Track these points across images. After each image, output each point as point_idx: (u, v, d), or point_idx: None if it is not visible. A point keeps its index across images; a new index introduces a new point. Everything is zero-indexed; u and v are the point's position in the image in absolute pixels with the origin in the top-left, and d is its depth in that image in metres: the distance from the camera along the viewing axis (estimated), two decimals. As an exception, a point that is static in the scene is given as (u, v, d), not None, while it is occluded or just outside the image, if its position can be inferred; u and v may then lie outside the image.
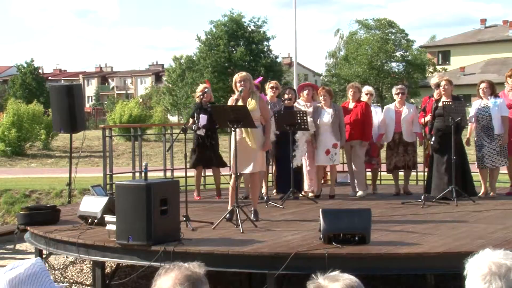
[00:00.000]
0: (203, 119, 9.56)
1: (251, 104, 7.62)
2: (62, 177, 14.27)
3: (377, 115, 10.28)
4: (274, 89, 9.98)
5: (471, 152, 10.31)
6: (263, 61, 42.24)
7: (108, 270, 7.86)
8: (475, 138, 9.66)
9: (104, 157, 10.80)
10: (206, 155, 9.79)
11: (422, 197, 8.85)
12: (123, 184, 6.71)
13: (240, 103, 7.68)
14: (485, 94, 9.54)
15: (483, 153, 9.51)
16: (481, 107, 9.53)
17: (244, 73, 7.87)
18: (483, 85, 9.62)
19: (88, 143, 24.63)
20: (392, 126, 9.96)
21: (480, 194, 9.56)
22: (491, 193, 9.70)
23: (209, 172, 10.74)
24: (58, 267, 8.66)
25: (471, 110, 9.78)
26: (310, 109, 9.74)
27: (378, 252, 6.07)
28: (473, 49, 51.62)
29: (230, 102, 7.90)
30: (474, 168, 9.75)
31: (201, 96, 9.66)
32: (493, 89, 9.64)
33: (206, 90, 9.85)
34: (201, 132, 9.67)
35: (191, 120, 9.80)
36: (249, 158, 7.58)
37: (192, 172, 11.45)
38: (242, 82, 7.68)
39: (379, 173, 10.80)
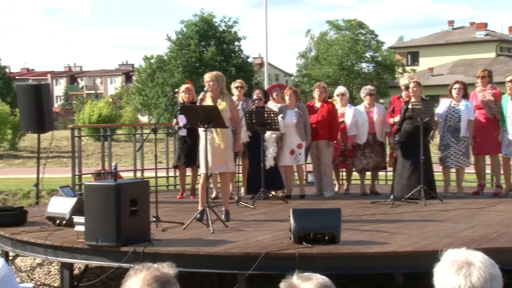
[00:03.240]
0: (181, 119, 9.61)
1: (222, 105, 7.62)
2: (30, 178, 14.07)
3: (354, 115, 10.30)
4: (239, 88, 10.00)
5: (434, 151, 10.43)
6: (234, 61, 42.25)
7: (76, 271, 7.78)
8: (439, 137, 9.78)
9: (73, 158, 10.69)
10: (187, 154, 9.80)
11: (391, 196, 8.93)
12: (92, 185, 6.65)
13: (209, 102, 7.67)
14: (458, 95, 9.67)
15: (448, 153, 9.65)
16: (451, 107, 9.66)
17: (214, 73, 7.88)
18: (457, 86, 9.73)
19: (56, 143, 24.35)
20: (365, 127, 10.00)
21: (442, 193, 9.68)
22: (458, 192, 9.83)
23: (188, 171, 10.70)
24: (25, 269, 8.53)
25: (439, 109, 9.90)
26: (277, 109, 9.75)
27: (347, 252, 6.12)
28: (441, 50, 52.37)
29: (198, 102, 7.91)
30: (436, 168, 9.88)
31: (173, 96, 9.65)
32: (465, 91, 9.79)
33: (179, 90, 9.88)
34: (183, 132, 9.71)
35: (174, 120, 9.96)
36: (219, 158, 7.57)
37: (163, 173, 11.42)
38: (210, 83, 7.68)
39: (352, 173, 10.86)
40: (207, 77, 7.77)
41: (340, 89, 10.67)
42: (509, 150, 9.52)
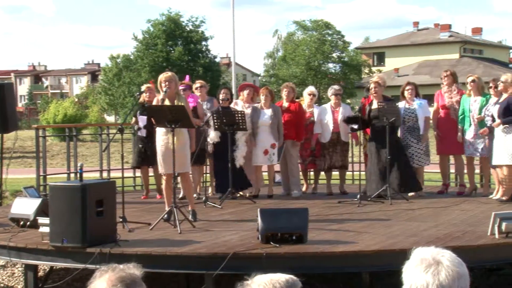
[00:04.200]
0: (142, 120, 9.55)
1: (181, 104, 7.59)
2: (-7, 179, 13.80)
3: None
4: (200, 88, 9.98)
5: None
6: (201, 61, 42.16)
7: (41, 273, 7.66)
8: (400, 138, 9.89)
9: (37, 158, 10.53)
10: (148, 154, 9.73)
11: (358, 196, 9.01)
12: (57, 185, 6.56)
13: (166, 103, 7.63)
14: (411, 96, 9.82)
15: (409, 152, 9.75)
16: (406, 108, 9.79)
17: (169, 73, 7.83)
18: (409, 87, 9.89)
19: (20, 143, 23.98)
20: (330, 126, 10.08)
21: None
22: (418, 192, 9.92)
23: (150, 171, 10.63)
24: (-11, 271, 8.36)
25: None
26: (249, 110, 9.75)
27: (315, 251, 6.14)
28: (406, 51, 53.06)
29: (155, 102, 7.85)
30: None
31: (139, 95, 9.56)
32: (417, 91, 9.95)
33: (144, 89, 9.81)
34: (142, 133, 9.64)
35: (133, 119, 9.91)
36: (176, 158, 7.49)
37: (129, 173, 11.31)
38: (166, 83, 7.63)
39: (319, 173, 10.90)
40: (165, 78, 7.68)
41: (311, 89, 10.77)
42: (470, 151, 9.67)
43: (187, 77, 10.74)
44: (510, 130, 8.80)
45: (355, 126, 9.46)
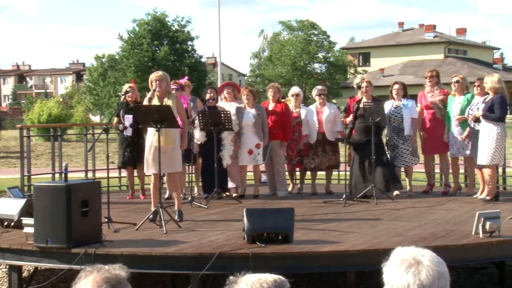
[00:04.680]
0: (128, 119, 9.50)
1: (168, 104, 7.58)
2: (-23, 179, 13.70)
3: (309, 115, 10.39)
4: (184, 87, 10.01)
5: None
6: (187, 61, 42.10)
7: (25, 274, 7.61)
8: (387, 138, 9.96)
9: (21, 158, 10.46)
10: (134, 154, 9.70)
11: (344, 196, 9.04)
12: (42, 186, 6.52)
13: (156, 102, 7.62)
14: (398, 96, 9.86)
15: (396, 153, 9.81)
16: (393, 108, 9.83)
17: (160, 73, 7.85)
18: (396, 87, 9.93)
19: (4, 143, 23.84)
20: (315, 127, 10.10)
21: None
22: (408, 190, 9.99)
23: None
24: (-28, 272, 8.29)
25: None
26: (233, 109, 9.74)
27: (301, 251, 6.16)
28: (391, 51, 53.35)
29: (145, 101, 7.85)
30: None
31: (124, 96, 9.53)
32: (405, 91, 9.97)
33: (128, 89, 9.78)
34: (129, 132, 9.60)
35: (115, 119, 9.85)
36: (166, 158, 7.50)
37: (115, 173, 11.27)
38: (157, 82, 7.63)
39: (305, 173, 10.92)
40: (156, 76, 7.70)
41: (295, 89, 10.75)
42: (455, 150, 9.74)
43: (186, 77, 10.86)
44: (493, 131, 8.87)
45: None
